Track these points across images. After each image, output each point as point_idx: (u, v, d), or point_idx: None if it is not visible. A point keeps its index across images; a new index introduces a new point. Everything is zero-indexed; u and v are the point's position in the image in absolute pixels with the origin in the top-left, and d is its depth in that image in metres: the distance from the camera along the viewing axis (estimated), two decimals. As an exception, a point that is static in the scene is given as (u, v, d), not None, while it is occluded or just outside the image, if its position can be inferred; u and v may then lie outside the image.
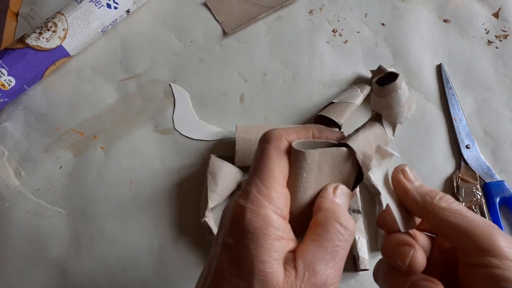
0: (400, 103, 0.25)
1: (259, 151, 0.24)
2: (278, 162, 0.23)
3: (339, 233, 0.22)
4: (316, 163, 0.23)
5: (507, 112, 0.45)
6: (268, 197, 0.22)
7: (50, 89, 0.47)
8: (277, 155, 0.23)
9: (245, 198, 0.22)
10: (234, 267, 0.21)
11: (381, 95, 0.24)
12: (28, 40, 0.43)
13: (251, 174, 0.23)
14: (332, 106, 0.43)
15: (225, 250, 0.22)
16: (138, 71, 0.47)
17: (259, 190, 0.22)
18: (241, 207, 0.22)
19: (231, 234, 0.22)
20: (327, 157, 0.24)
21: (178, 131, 0.45)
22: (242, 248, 0.21)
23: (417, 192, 0.24)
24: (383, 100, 0.25)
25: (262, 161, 0.23)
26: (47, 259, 0.41)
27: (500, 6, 0.49)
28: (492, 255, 0.21)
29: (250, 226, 0.21)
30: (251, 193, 0.22)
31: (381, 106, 0.25)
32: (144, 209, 0.42)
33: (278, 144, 0.24)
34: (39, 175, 0.44)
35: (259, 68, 0.47)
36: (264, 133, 0.25)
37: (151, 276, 0.40)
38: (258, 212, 0.21)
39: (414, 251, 0.23)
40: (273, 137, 0.24)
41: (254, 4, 0.49)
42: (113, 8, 0.45)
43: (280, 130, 0.24)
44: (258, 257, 0.20)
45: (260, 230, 0.21)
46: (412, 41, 0.48)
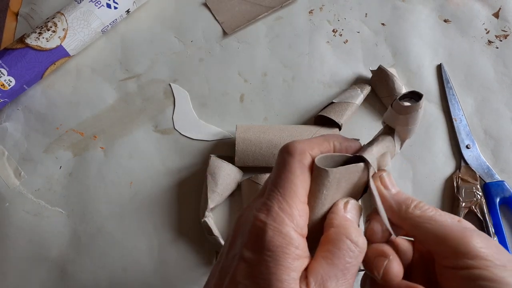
0: (416, 121, 0.25)
1: (282, 164, 0.23)
2: (302, 178, 0.23)
3: (350, 250, 0.22)
4: (336, 180, 0.24)
5: (507, 112, 0.45)
6: (290, 215, 0.22)
7: (50, 89, 0.47)
8: (300, 170, 0.23)
9: (267, 214, 0.22)
10: (251, 281, 0.21)
11: (402, 113, 0.25)
12: (28, 40, 0.43)
13: (272, 187, 0.23)
14: (332, 106, 0.43)
15: (243, 264, 0.21)
16: (138, 71, 0.47)
17: (281, 206, 0.22)
18: (262, 223, 0.21)
19: (250, 249, 0.21)
20: (346, 174, 0.24)
21: (178, 131, 0.45)
22: (261, 264, 0.21)
23: (393, 200, 0.24)
24: (402, 117, 0.25)
25: (285, 175, 0.23)
26: (47, 259, 0.41)
27: (500, 6, 0.49)
28: (469, 257, 0.21)
29: (271, 244, 0.21)
30: (273, 209, 0.22)
31: (398, 122, 0.26)
32: (144, 209, 0.42)
33: (302, 159, 0.23)
34: (39, 175, 0.44)
35: (259, 68, 0.47)
36: (285, 144, 0.24)
37: (151, 276, 0.40)
38: (280, 230, 0.21)
39: (388, 261, 0.23)
40: (296, 151, 0.23)
41: (254, 4, 0.49)
42: (113, 8, 0.45)
43: (303, 144, 0.24)
44: (277, 276, 0.20)
45: (280, 248, 0.21)
46: (412, 41, 0.48)
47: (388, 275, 0.23)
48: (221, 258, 0.24)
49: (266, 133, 0.41)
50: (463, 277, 0.21)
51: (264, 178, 0.40)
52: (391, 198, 0.24)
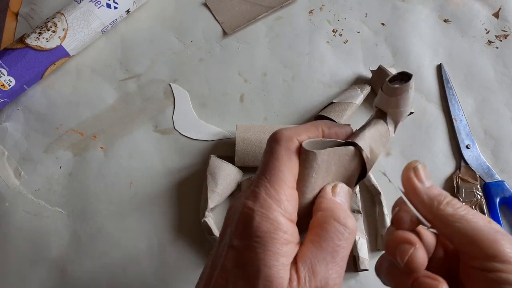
0: (408, 102, 0.25)
1: (269, 152, 0.23)
2: (289, 164, 0.23)
3: (338, 232, 0.22)
4: (325, 163, 0.23)
5: (507, 112, 0.45)
6: (278, 200, 0.21)
7: (50, 89, 0.47)
8: (287, 156, 0.23)
9: (254, 201, 0.22)
10: (240, 269, 0.21)
11: (393, 95, 0.24)
12: (28, 40, 0.43)
13: (260, 175, 0.23)
14: (332, 106, 0.43)
15: (232, 252, 0.21)
16: (138, 71, 0.47)
17: (268, 192, 0.22)
18: (249, 209, 0.21)
19: (239, 236, 0.21)
20: (335, 156, 0.24)
21: (178, 131, 0.45)
22: (249, 251, 0.21)
23: (425, 194, 0.24)
24: (393, 99, 0.25)
25: (272, 162, 0.23)
26: (47, 259, 0.41)
27: (500, 6, 0.49)
28: (497, 261, 0.21)
29: (258, 230, 0.21)
30: (260, 195, 0.22)
31: (389, 104, 0.25)
32: (144, 209, 0.42)
33: (289, 145, 0.23)
34: (39, 175, 0.44)
35: (259, 68, 0.47)
36: (273, 133, 0.24)
37: (151, 276, 0.40)
38: (267, 216, 0.21)
39: (414, 249, 0.23)
40: (283, 137, 0.23)
41: (254, 4, 0.49)
42: (113, 8, 0.45)
43: (290, 130, 0.24)
44: (265, 261, 0.20)
45: (268, 234, 0.21)
46: (412, 41, 0.48)
47: (412, 263, 0.22)
48: (213, 250, 0.24)
49: (266, 133, 0.41)
50: (489, 279, 0.21)
51: (264, 178, 0.40)
52: (424, 192, 0.24)
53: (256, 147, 0.40)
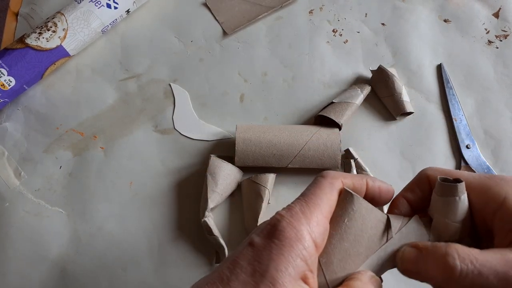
0: (454, 216, 0.24)
1: (313, 183, 0.25)
2: (329, 195, 0.24)
3: None
4: (361, 217, 0.23)
5: (507, 112, 0.45)
6: (308, 218, 0.22)
7: (50, 89, 0.47)
8: (329, 188, 0.24)
9: (287, 210, 0.22)
10: (249, 264, 0.21)
11: (440, 193, 0.24)
12: (28, 40, 0.43)
13: (300, 196, 0.24)
14: (332, 106, 0.43)
15: (248, 248, 0.22)
16: (138, 71, 0.47)
17: (302, 209, 0.22)
18: (280, 216, 0.22)
19: (261, 235, 0.22)
20: (372, 217, 0.24)
21: (178, 131, 0.45)
22: (265, 249, 0.21)
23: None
24: (439, 200, 0.24)
25: (313, 189, 0.24)
26: (47, 259, 0.41)
27: (500, 6, 0.49)
28: None
29: (281, 234, 0.21)
30: (294, 209, 0.22)
31: (436, 207, 0.24)
32: (144, 209, 0.42)
33: (333, 181, 0.24)
34: (39, 175, 0.44)
35: (259, 68, 0.47)
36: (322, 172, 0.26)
37: (151, 276, 0.40)
38: (294, 225, 0.21)
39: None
40: (329, 174, 0.25)
41: (254, 4, 0.49)
42: (113, 8, 0.45)
43: (337, 172, 0.25)
44: (276, 264, 0.20)
45: (289, 240, 0.21)
46: (412, 41, 0.48)
47: None
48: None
49: (266, 133, 0.41)
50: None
51: (264, 178, 0.40)
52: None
53: (256, 147, 0.40)
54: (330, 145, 0.40)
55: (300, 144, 0.40)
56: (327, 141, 0.40)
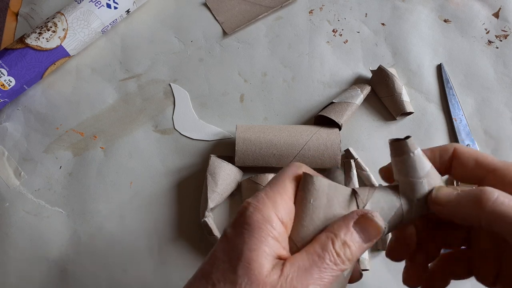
0: (415, 172, 0.24)
1: (278, 172, 0.25)
2: (291, 178, 0.25)
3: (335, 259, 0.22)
4: (326, 195, 0.24)
5: (507, 112, 0.45)
6: (273, 201, 0.23)
7: (50, 89, 0.47)
8: (292, 174, 0.25)
9: (253, 198, 0.23)
10: (225, 254, 0.22)
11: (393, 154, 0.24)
12: (28, 40, 0.43)
13: (265, 185, 0.25)
14: (332, 106, 0.43)
15: (223, 240, 0.23)
16: (138, 71, 0.47)
17: (267, 194, 0.23)
18: (247, 203, 0.23)
19: (232, 226, 0.23)
20: (337, 193, 0.24)
21: (178, 131, 0.45)
22: (237, 237, 0.22)
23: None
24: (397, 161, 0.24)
25: (277, 176, 0.25)
26: (47, 259, 0.41)
27: (500, 6, 0.49)
28: None
29: (249, 218, 0.22)
30: (260, 195, 0.23)
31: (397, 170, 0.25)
32: (144, 209, 0.42)
33: (296, 169, 0.25)
34: (39, 175, 0.44)
35: (259, 68, 0.47)
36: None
37: (151, 276, 0.40)
38: (260, 209, 0.23)
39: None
40: (294, 164, 0.26)
41: (254, 4, 0.49)
42: (113, 8, 0.45)
43: (301, 164, 0.26)
44: (249, 245, 0.21)
45: (257, 223, 0.22)
46: (412, 41, 0.48)
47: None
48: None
49: (266, 133, 0.41)
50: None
51: (264, 178, 0.40)
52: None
53: (256, 147, 0.40)
54: (330, 145, 0.40)
55: (300, 144, 0.40)
56: (327, 141, 0.40)
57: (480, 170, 0.25)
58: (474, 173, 0.25)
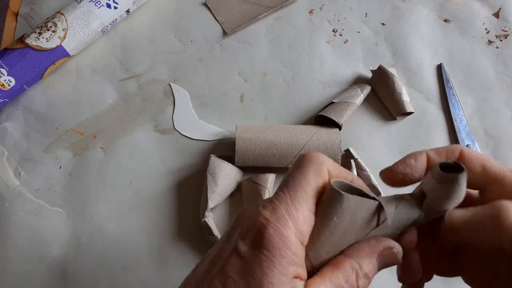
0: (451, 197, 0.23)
1: (297, 168, 0.23)
2: (314, 187, 0.22)
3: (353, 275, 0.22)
4: (351, 212, 0.22)
5: (508, 111, 0.45)
6: (295, 219, 0.21)
7: (50, 89, 0.47)
8: (314, 178, 0.22)
9: (271, 212, 0.21)
10: (240, 277, 0.21)
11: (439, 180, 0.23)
12: (28, 40, 0.43)
13: (283, 187, 0.22)
14: (332, 106, 0.43)
15: (236, 258, 0.21)
16: (138, 71, 0.47)
17: (287, 208, 0.21)
18: (266, 220, 0.21)
19: (248, 244, 0.21)
20: (362, 209, 0.22)
21: (178, 131, 0.45)
22: (255, 262, 0.21)
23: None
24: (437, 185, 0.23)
25: (298, 179, 0.22)
26: (47, 259, 0.41)
27: (501, 6, 0.49)
28: None
29: (269, 243, 0.21)
30: (279, 209, 0.21)
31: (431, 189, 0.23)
32: (144, 209, 0.42)
33: (319, 168, 0.23)
34: (39, 175, 0.44)
35: (259, 68, 0.47)
36: (307, 152, 0.24)
37: (151, 276, 0.40)
38: (281, 232, 0.21)
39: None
40: (316, 160, 0.23)
41: (254, 4, 0.49)
42: (113, 8, 0.45)
43: (324, 157, 0.23)
44: (270, 278, 0.20)
45: (278, 250, 0.21)
46: (412, 41, 0.48)
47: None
48: (216, 248, 0.24)
49: (266, 133, 0.41)
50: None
51: (264, 178, 0.40)
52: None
53: (256, 147, 0.40)
54: (330, 145, 0.40)
55: (300, 144, 0.40)
56: (327, 141, 0.40)
57: (487, 178, 0.24)
58: (479, 179, 0.24)
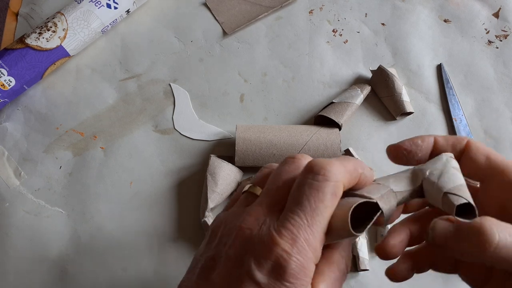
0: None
1: (312, 187, 0.21)
2: (331, 209, 0.22)
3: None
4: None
5: (507, 112, 0.45)
6: (314, 249, 0.21)
7: (50, 89, 0.47)
8: (332, 201, 0.22)
9: (292, 244, 0.21)
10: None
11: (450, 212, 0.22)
12: (28, 40, 0.43)
13: (299, 211, 0.21)
14: (332, 106, 0.43)
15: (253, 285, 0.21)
16: (138, 71, 0.47)
17: (307, 239, 0.21)
18: (286, 254, 0.20)
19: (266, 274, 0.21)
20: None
21: (178, 131, 0.45)
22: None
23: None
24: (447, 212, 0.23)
25: (316, 204, 0.21)
26: (47, 259, 0.41)
27: (500, 6, 0.49)
28: None
29: (291, 276, 0.20)
30: (299, 240, 0.21)
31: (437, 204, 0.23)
32: (144, 209, 0.42)
33: (337, 191, 0.22)
34: (39, 175, 0.44)
35: (259, 68, 0.47)
36: (319, 163, 0.22)
37: (151, 276, 0.40)
38: (303, 265, 0.21)
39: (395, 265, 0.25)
40: (332, 177, 0.22)
41: (254, 4, 0.49)
42: (113, 8, 0.45)
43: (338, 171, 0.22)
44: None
45: (300, 281, 0.21)
46: (412, 41, 0.48)
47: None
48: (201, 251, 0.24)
49: (266, 133, 0.41)
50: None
51: (264, 178, 0.40)
52: None
53: (256, 147, 0.40)
54: (330, 145, 0.40)
55: (300, 144, 0.40)
56: (327, 141, 0.40)
57: (490, 169, 0.24)
58: (482, 170, 0.24)
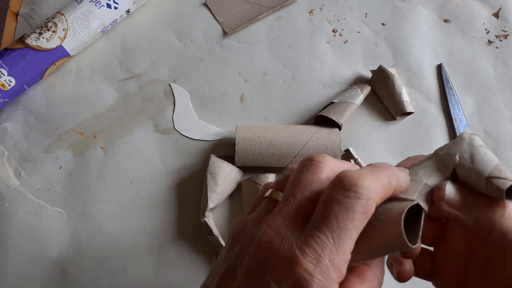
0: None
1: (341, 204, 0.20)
2: (360, 228, 0.20)
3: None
4: None
5: (507, 112, 0.45)
6: (339, 270, 0.20)
7: (50, 89, 0.47)
8: (362, 220, 0.20)
9: (315, 265, 0.19)
10: None
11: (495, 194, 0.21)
12: (28, 40, 0.43)
13: (324, 227, 0.20)
14: (332, 106, 0.43)
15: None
16: (138, 71, 0.47)
17: (332, 260, 0.19)
18: (309, 275, 0.19)
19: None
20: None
21: (178, 131, 0.45)
22: None
23: None
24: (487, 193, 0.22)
25: (344, 223, 0.20)
26: (47, 259, 0.41)
27: (500, 6, 0.49)
28: None
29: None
30: (323, 261, 0.19)
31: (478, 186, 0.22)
32: (144, 209, 0.42)
33: (368, 209, 0.20)
34: (39, 175, 0.44)
35: (259, 68, 0.47)
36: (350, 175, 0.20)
37: (151, 276, 0.40)
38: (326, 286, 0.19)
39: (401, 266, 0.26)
40: (366, 194, 0.20)
41: (254, 4, 0.49)
42: (113, 8, 0.45)
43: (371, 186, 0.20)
44: None
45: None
46: (412, 41, 0.48)
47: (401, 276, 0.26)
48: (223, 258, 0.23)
49: (266, 133, 0.41)
50: None
51: (264, 178, 0.40)
52: None
53: (256, 147, 0.40)
54: (330, 145, 0.40)
55: (300, 144, 0.40)
56: (327, 141, 0.40)
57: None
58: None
